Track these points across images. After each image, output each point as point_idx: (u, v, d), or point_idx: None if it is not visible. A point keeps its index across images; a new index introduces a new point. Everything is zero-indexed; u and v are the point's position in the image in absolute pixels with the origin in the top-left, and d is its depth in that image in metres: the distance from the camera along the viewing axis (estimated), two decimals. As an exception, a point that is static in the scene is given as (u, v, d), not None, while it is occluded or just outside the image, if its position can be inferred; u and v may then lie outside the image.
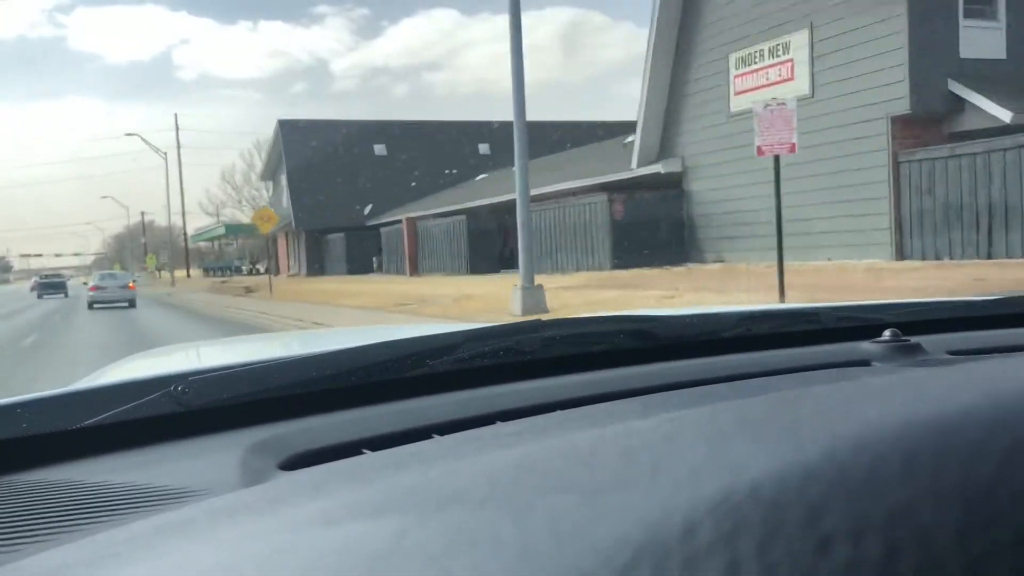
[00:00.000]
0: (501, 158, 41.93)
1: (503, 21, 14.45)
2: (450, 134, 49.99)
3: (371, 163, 48.13)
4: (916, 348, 1.09)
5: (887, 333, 1.13)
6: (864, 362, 1.09)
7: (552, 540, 0.38)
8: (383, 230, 40.47)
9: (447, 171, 45.02)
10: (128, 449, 0.85)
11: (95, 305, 29.86)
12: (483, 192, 35.18)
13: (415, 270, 35.56)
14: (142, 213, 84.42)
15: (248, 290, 32.74)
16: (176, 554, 0.49)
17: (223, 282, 42.95)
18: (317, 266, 46.78)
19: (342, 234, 44.56)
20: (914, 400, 0.54)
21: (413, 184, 44.87)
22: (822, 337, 1.26)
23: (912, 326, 1.23)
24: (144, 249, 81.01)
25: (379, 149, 49.04)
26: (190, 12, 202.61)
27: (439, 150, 48.07)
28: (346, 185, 46.31)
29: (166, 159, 60.37)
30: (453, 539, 0.40)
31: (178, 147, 62.69)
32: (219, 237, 74.78)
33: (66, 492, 0.73)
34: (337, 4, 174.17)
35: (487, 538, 0.40)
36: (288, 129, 51.03)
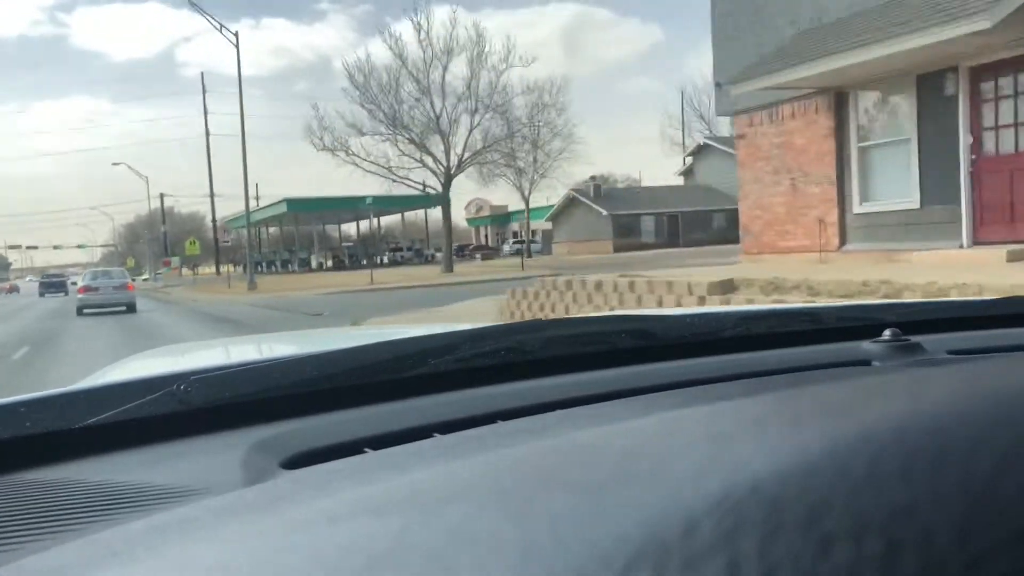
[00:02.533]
0: None
1: (506, 17, 12.33)
2: None
3: None
4: (916, 348, 1.09)
5: (887, 333, 1.13)
6: (864, 362, 1.09)
7: (553, 539, 0.38)
8: None
9: None
10: (130, 448, 0.85)
11: (85, 310, 24.90)
12: None
13: None
14: (161, 195, 67.67)
15: None
16: (178, 553, 0.49)
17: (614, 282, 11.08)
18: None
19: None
20: (915, 399, 0.54)
21: None
22: (822, 337, 1.26)
23: (912, 326, 1.23)
24: (164, 240, 62.80)
25: None
26: (192, 10, 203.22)
27: None
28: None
29: (236, 36, 37.07)
30: (454, 538, 0.40)
31: (204, 113, 49.99)
32: (264, 221, 54.64)
33: (68, 491, 0.73)
34: (339, 1, 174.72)
35: (488, 537, 0.40)
36: None
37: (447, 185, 31.29)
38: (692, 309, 1.52)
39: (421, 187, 31.53)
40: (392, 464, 0.66)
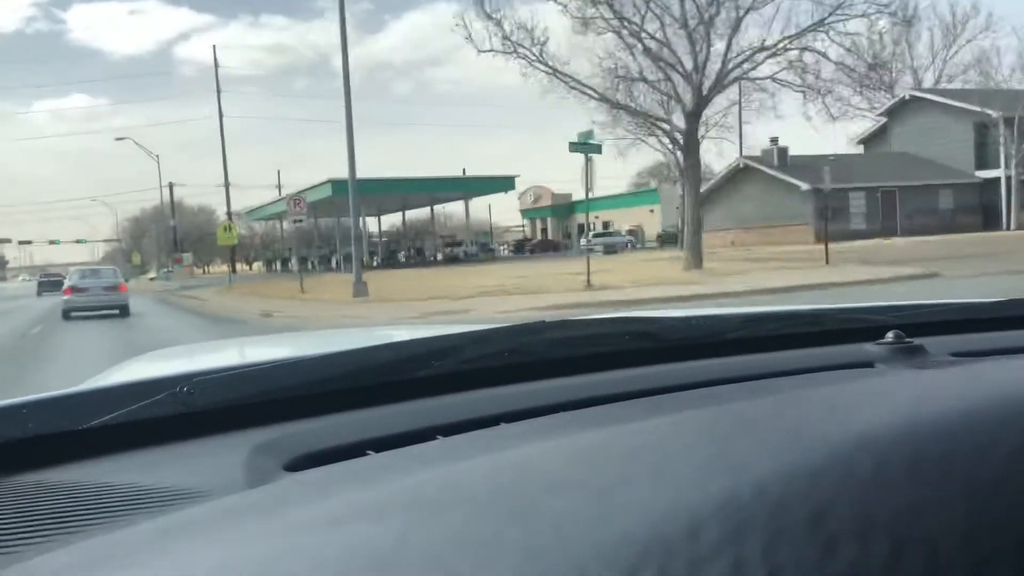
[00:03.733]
0: None
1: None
2: None
3: None
4: (919, 350, 1.09)
5: (890, 335, 1.13)
6: (867, 364, 1.09)
7: (556, 541, 0.38)
8: None
9: None
10: (133, 450, 0.85)
11: (73, 313, 21.53)
12: None
13: None
14: (171, 184, 57.60)
15: None
16: (181, 555, 0.49)
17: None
18: None
19: None
20: (918, 402, 0.54)
21: None
22: (825, 339, 1.26)
23: (915, 328, 1.23)
24: (174, 235, 54.52)
25: None
26: (191, 8, 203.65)
27: None
28: None
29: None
30: (457, 540, 0.40)
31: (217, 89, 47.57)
32: (305, 206, 38.74)
33: (71, 493, 0.73)
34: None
35: (491, 539, 0.40)
36: None
37: (695, 113, 17.38)
38: (696, 311, 1.52)
39: (651, 121, 18.91)
40: (395, 466, 0.66)
